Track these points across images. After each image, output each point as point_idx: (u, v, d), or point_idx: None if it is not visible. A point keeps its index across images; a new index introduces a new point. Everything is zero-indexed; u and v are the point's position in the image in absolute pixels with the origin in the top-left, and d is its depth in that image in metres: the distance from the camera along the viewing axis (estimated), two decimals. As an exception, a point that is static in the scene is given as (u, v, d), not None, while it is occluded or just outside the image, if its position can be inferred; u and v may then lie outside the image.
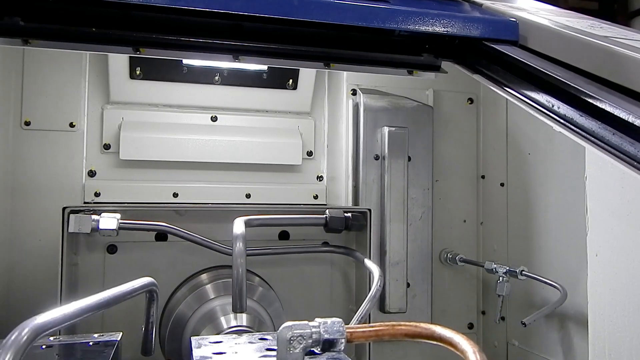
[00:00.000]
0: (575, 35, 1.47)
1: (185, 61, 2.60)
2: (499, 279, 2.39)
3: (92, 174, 2.55)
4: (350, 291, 2.38)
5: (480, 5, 1.89)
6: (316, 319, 1.09)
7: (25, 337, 0.81)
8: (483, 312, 2.78)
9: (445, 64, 1.86)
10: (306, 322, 1.07)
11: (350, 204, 2.56)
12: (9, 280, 2.37)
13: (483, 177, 2.82)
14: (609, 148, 1.18)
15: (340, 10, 1.54)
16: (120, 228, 1.92)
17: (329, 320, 1.07)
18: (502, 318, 2.49)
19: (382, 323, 1.09)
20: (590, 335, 1.43)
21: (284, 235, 2.30)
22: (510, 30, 1.66)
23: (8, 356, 0.77)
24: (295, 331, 1.05)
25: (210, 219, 2.21)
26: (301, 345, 1.05)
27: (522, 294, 2.45)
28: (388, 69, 1.86)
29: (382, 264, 2.47)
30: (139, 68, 2.54)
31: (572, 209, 2.17)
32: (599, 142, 1.21)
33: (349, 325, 1.09)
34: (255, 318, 1.94)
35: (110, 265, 2.10)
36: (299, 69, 2.71)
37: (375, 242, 2.45)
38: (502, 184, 2.69)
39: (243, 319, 1.90)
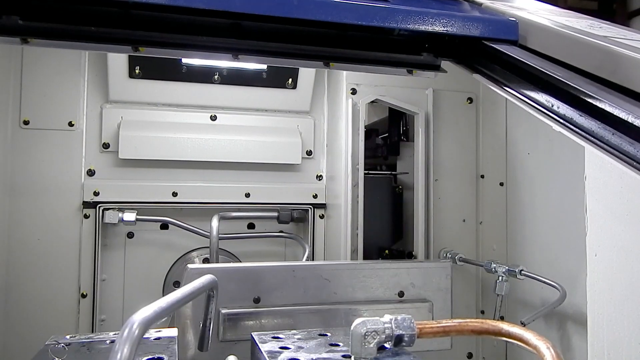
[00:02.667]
0: (575, 35, 1.47)
1: (184, 60, 2.59)
2: (498, 279, 2.39)
3: (91, 173, 2.55)
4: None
5: (480, 4, 1.89)
6: (386, 315, 1.13)
7: (137, 331, 0.88)
8: (482, 312, 2.78)
9: (444, 64, 1.86)
10: (378, 318, 1.12)
11: (349, 202, 2.56)
12: (8, 279, 2.37)
13: (482, 176, 2.82)
14: (609, 148, 1.18)
15: (339, 9, 1.53)
16: (136, 220, 2.57)
17: (399, 316, 1.12)
18: (501, 317, 2.49)
19: (450, 320, 1.16)
20: (589, 334, 1.43)
21: (251, 226, 2.89)
22: (510, 29, 1.65)
23: (126, 349, 0.84)
24: (369, 327, 1.09)
25: (205, 215, 2.65)
26: (375, 340, 1.09)
27: (521, 293, 2.45)
28: (388, 68, 1.85)
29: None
30: (138, 67, 2.54)
31: (572, 209, 2.17)
32: (599, 142, 1.21)
33: (418, 322, 1.13)
34: None
35: (129, 246, 2.69)
36: (298, 68, 2.71)
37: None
38: (501, 184, 2.69)
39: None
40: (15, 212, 2.40)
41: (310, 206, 2.84)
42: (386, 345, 1.14)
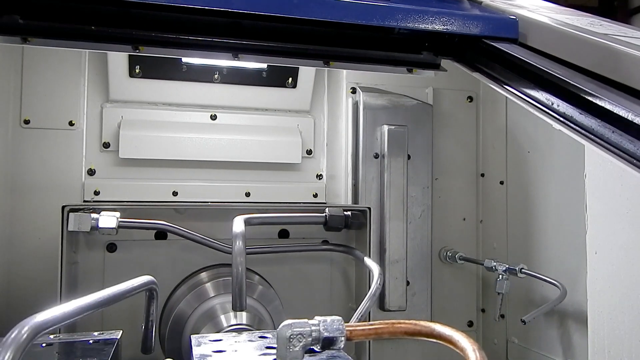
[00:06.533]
0: (575, 32, 1.47)
1: (184, 59, 2.59)
2: (499, 277, 2.39)
3: (91, 172, 2.55)
4: (350, 289, 2.40)
5: (480, 2, 1.89)
6: (316, 317, 1.09)
7: (25, 335, 0.82)
8: (483, 310, 2.78)
9: (444, 62, 1.86)
10: (306, 320, 1.08)
11: (349, 202, 2.56)
12: (9, 279, 2.37)
13: (483, 175, 2.82)
14: (609, 146, 1.18)
15: (339, 8, 1.53)
16: (119, 226, 1.92)
17: (328, 318, 1.08)
18: (502, 316, 2.49)
19: (381, 321, 1.10)
20: (589, 332, 1.43)
21: (283, 234, 2.32)
22: (510, 28, 1.65)
23: (8, 354, 0.78)
24: (294, 329, 1.05)
25: (209, 217, 2.21)
26: (301, 344, 1.05)
27: (522, 291, 2.45)
28: (387, 67, 1.86)
29: (381, 262, 2.47)
30: (138, 66, 2.53)
31: (572, 207, 2.17)
32: (599, 140, 1.21)
33: (348, 324, 1.09)
34: (255, 316, 1.95)
35: (110, 264, 2.11)
36: (298, 68, 2.71)
37: (374, 240, 2.46)
38: (501, 182, 2.69)
39: (243, 317, 1.91)
40: (16, 211, 2.40)
41: (368, 208, 2.25)
42: (315, 348, 1.10)
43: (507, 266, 2.36)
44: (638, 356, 1.25)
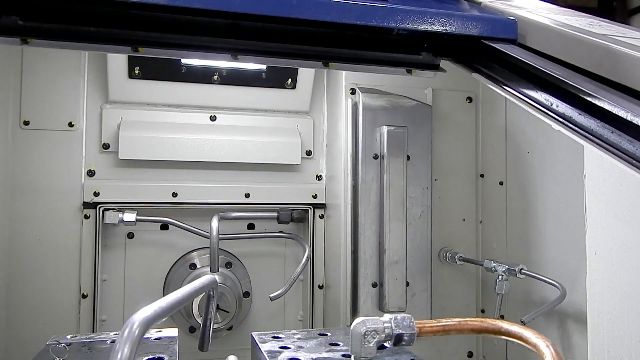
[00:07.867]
0: (574, 33, 1.47)
1: (184, 60, 2.60)
2: (498, 278, 2.39)
3: (91, 173, 2.55)
4: (298, 264, 2.78)
5: (479, 3, 1.89)
6: (386, 315, 1.13)
7: (138, 331, 0.89)
8: (482, 311, 2.78)
9: (444, 63, 1.86)
10: (377, 317, 1.13)
11: (349, 202, 2.56)
12: (9, 279, 2.38)
13: (482, 175, 2.82)
14: (608, 146, 1.18)
15: (338, 9, 1.54)
16: (137, 220, 2.58)
17: (399, 315, 1.13)
18: (502, 316, 2.49)
19: (450, 318, 1.15)
20: (589, 333, 1.43)
21: (251, 226, 2.88)
22: (509, 28, 1.66)
23: (126, 349, 0.85)
24: (369, 326, 1.10)
25: (198, 215, 2.72)
26: (375, 340, 1.10)
27: (521, 292, 2.45)
28: (387, 67, 1.86)
29: (381, 263, 2.47)
30: (137, 67, 2.54)
31: (571, 208, 2.17)
32: (598, 141, 1.21)
33: (418, 321, 1.14)
34: (227, 278, 2.72)
35: (130, 247, 2.70)
36: (297, 69, 2.71)
37: (374, 241, 2.48)
38: (501, 183, 2.69)
39: (217, 278, 2.42)
40: (16, 213, 2.40)
41: (310, 206, 2.83)
42: (386, 344, 1.14)
43: (506, 267, 2.36)
44: (638, 356, 1.25)
